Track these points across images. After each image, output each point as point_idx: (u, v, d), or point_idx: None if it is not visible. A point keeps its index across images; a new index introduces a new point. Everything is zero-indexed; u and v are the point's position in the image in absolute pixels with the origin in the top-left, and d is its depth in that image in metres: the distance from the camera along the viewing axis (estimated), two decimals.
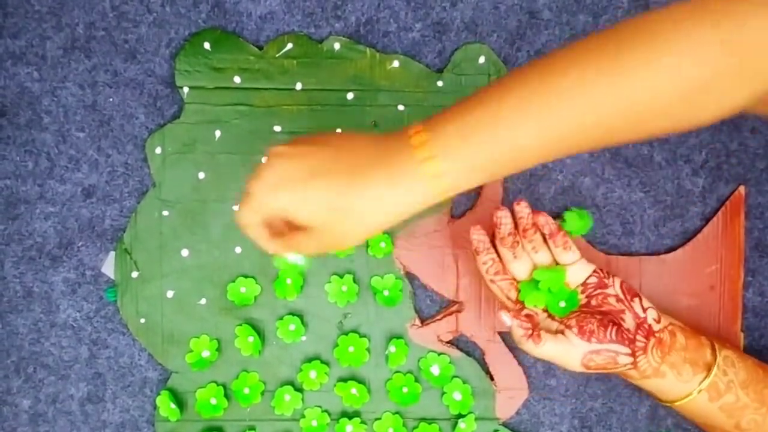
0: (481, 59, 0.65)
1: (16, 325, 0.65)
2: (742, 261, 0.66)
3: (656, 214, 0.66)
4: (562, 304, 0.58)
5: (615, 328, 0.56)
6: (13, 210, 0.64)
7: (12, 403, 0.65)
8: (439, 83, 0.65)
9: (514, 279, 0.59)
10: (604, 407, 0.67)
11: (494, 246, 0.59)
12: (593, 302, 0.58)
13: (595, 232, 0.66)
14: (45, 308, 0.65)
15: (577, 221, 0.62)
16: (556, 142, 0.45)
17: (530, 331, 0.56)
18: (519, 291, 0.58)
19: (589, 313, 0.57)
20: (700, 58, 0.42)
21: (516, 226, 0.58)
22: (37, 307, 0.65)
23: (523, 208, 0.58)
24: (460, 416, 0.65)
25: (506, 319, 0.57)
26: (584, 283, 0.58)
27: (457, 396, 0.65)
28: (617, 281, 0.58)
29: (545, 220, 0.58)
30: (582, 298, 0.58)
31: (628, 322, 0.57)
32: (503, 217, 0.57)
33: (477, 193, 0.66)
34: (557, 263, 0.58)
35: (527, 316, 0.58)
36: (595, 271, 0.58)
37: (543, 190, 0.66)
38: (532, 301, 0.58)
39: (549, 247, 0.59)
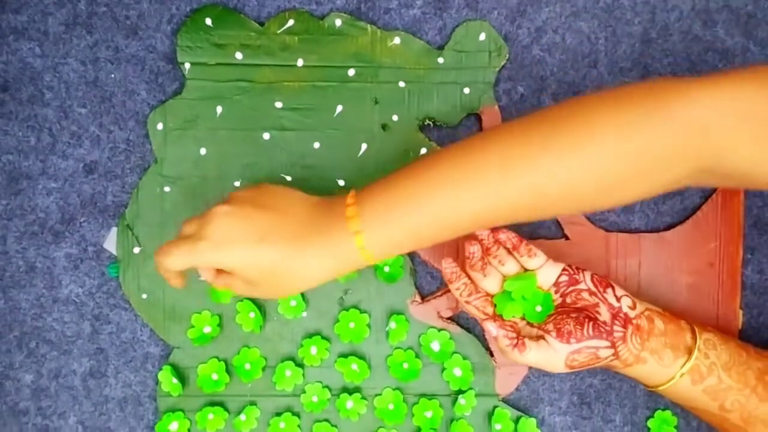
0: (482, 36, 0.65)
1: (18, 300, 0.65)
2: (742, 238, 0.66)
3: None
4: (539, 308, 0.58)
5: (591, 323, 0.56)
6: (16, 185, 0.65)
7: (14, 377, 0.65)
8: (440, 60, 0.65)
9: (488, 294, 0.59)
10: (602, 383, 0.67)
11: (465, 270, 0.60)
12: (568, 300, 0.58)
13: None
14: (47, 283, 0.65)
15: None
16: (476, 220, 0.50)
17: (515, 340, 0.57)
18: (495, 305, 0.59)
19: (565, 314, 0.58)
20: (604, 158, 0.47)
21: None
22: (39, 282, 0.65)
23: (482, 232, 0.59)
24: (460, 392, 0.66)
25: (492, 329, 0.57)
26: (556, 283, 0.58)
27: (458, 372, 0.65)
28: (587, 275, 0.59)
29: (506, 237, 0.58)
30: (556, 298, 0.59)
31: (604, 314, 0.57)
32: (476, 251, 0.58)
33: None
34: (525, 270, 0.59)
35: (509, 326, 0.59)
36: (564, 270, 0.59)
37: None
38: (509, 313, 0.58)
39: (515, 258, 0.59)
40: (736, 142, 0.45)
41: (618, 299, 0.58)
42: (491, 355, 0.66)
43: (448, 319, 0.66)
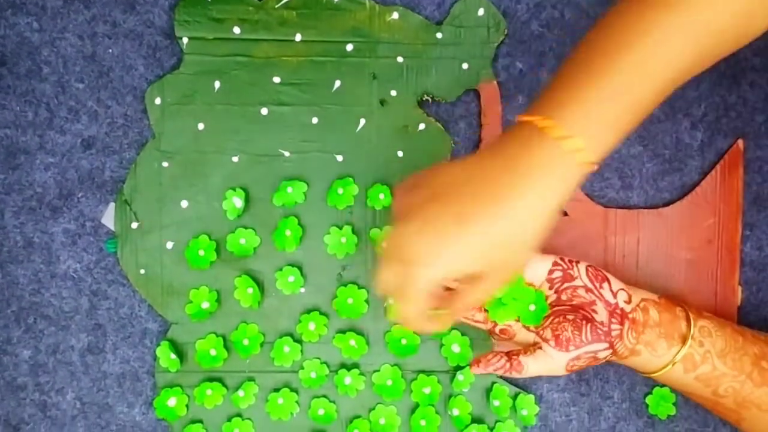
0: (480, 11, 0.65)
1: (16, 276, 0.65)
2: (740, 215, 0.66)
3: (655, 168, 0.67)
4: (532, 307, 0.57)
5: (589, 326, 0.55)
6: (13, 160, 0.65)
7: (12, 353, 0.65)
8: (438, 35, 0.65)
9: None
10: None
11: None
12: (563, 297, 0.57)
13: (593, 185, 0.67)
14: (45, 259, 0.65)
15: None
16: (665, 86, 0.46)
17: (508, 365, 0.56)
18: (487, 312, 0.58)
19: (561, 315, 0.56)
20: None
21: None
22: (37, 257, 0.65)
23: None
24: (458, 368, 0.66)
25: (480, 370, 0.57)
26: (549, 279, 0.57)
27: (456, 348, 0.65)
28: (582, 268, 0.57)
29: None
30: (551, 294, 0.57)
31: (600, 313, 0.56)
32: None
33: (476, 144, 0.66)
34: None
35: (502, 330, 0.59)
36: (556, 264, 0.57)
37: None
38: (502, 318, 0.57)
39: None
40: None
41: (614, 294, 0.56)
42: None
43: None
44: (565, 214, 0.66)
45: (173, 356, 0.64)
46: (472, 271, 0.47)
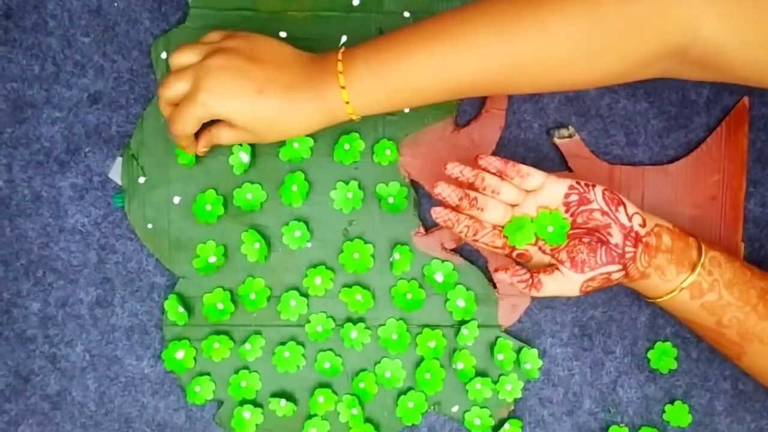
0: None
1: (24, 229, 0.66)
2: (745, 172, 0.66)
3: (660, 125, 0.67)
4: (550, 228, 0.57)
5: (603, 248, 0.57)
6: (20, 114, 0.65)
7: (22, 305, 0.66)
8: None
9: (495, 227, 0.59)
10: (604, 315, 0.68)
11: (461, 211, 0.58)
12: (579, 219, 0.57)
13: (598, 142, 0.67)
14: (53, 213, 0.66)
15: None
16: (452, 89, 0.54)
17: (530, 280, 0.57)
18: (506, 237, 0.58)
19: (577, 238, 0.57)
20: (572, 30, 0.50)
21: (461, 186, 0.58)
22: (45, 211, 0.66)
23: (452, 169, 0.58)
24: (462, 323, 0.67)
25: (505, 277, 0.58)
26: (566, 203, 0.57)
27: (461, 303, 0.66)
28: (598, 192, 0.57)
29: (486, 162, 0.57)
30: (567, 218, 0.58)
31: (615, 235, 0.57)
32: (443, 191, 0.57)
33: (482, 101, 0.66)
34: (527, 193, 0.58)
35: (520, 255, 0.59)
36: (572, 187, 0.57)
37: (547, 100, 0.66)
38: (521, 242, 0.57)
39: (511, 183, 0.58)
40: (705, 16, 0.48)
41: (630, 218, 0.57)
42: (494, 286, 0.67)
43: (452, 250, 0.67)
44: (570, 170, 0.66)
45: (181, 310, 0.65)
46: (235, 121, 0.55)
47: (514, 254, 0.59)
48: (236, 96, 0.53)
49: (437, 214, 0.58)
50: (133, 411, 0.67)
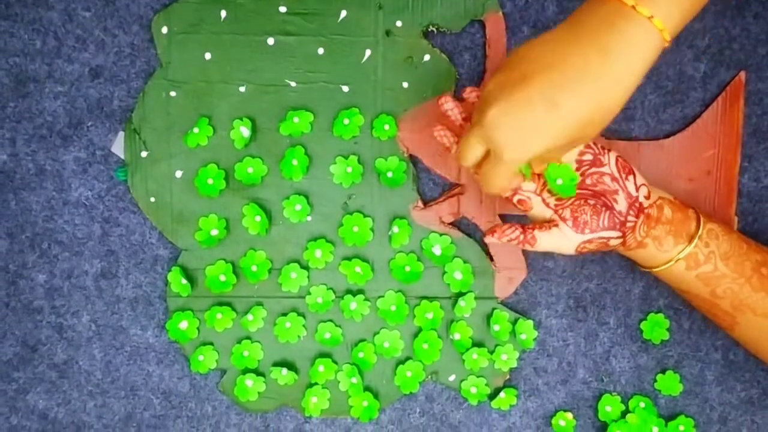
0: None
1: (29, 202, 0.67)
2: (740, 146, 0.67)
3: (657, 100, 0.67)
4: (560, 181, 0.56)
5: (607, 213, 0.57)
6: (23, 88, 0.65)
7: (28, 277, 0.67)
8: None
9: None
10: (598, 288, 0.69)
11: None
12: (588, 181, 0.58)
13: None
14: (57, 186, 0.67)
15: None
16: None
17: (522, 236, 0.58)
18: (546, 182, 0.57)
19: (583, 199, 0.58)
20: None
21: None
22: (49, 185, 0.67)
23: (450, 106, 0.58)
24: (460, 295, 0.68)
25: (494, 240, 0.59)
26: (579, 160, 0.58)
27: (458, 275, 0.67)
28: (612, 158, 0.58)
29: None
30: (577, 176, 0.57)
31: (621, 203, 0.57)
32: (449, 108, 0.58)
33: (481, 76, 0.67)
34: None
35: (520, 201, 0.59)
36: (588, 146, 0.58)
37: None
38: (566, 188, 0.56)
39: None
40: None
41: (637, 188, 0.58)
42: (491, 259, 0.68)
43: (450, 224, 0.68)
44: None
45: (184, 281, 0.66)
46: (554, 150, 0.50)
47: (515, 199, 0.59)
48: (533, 132, 0.48)
49: (437, 130, 0.59)
50: (139, 379, 0.69)
